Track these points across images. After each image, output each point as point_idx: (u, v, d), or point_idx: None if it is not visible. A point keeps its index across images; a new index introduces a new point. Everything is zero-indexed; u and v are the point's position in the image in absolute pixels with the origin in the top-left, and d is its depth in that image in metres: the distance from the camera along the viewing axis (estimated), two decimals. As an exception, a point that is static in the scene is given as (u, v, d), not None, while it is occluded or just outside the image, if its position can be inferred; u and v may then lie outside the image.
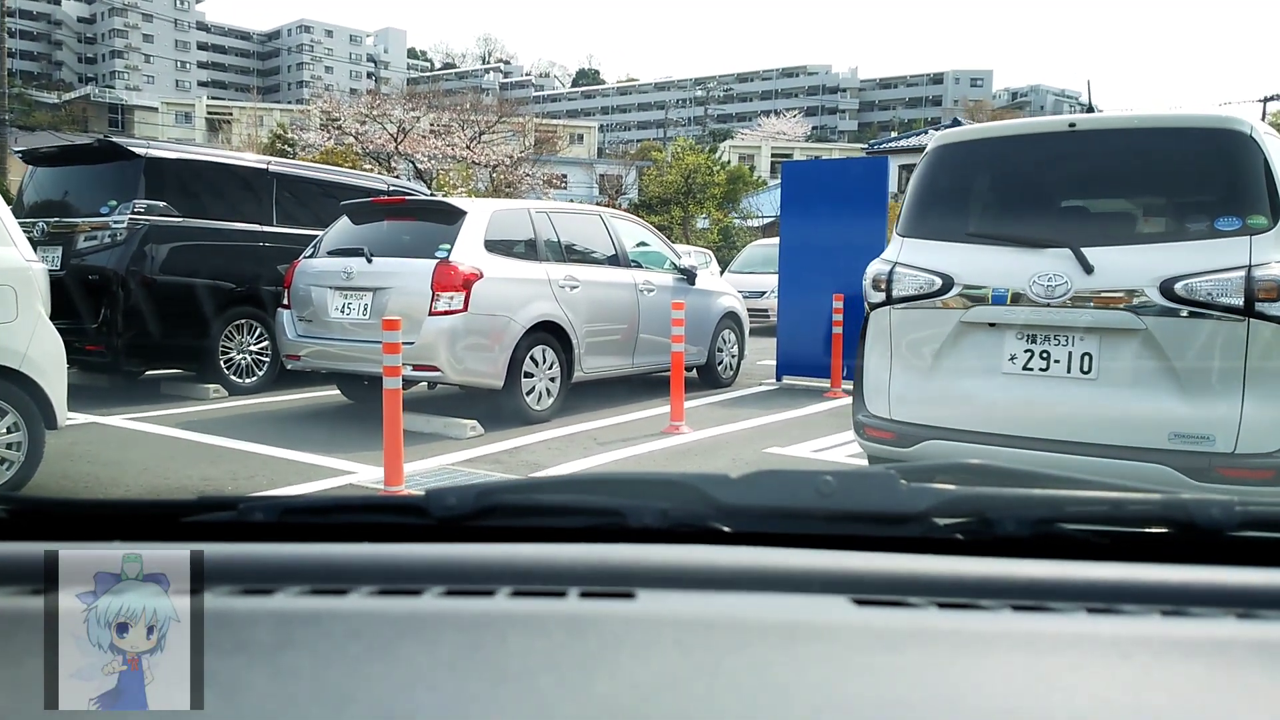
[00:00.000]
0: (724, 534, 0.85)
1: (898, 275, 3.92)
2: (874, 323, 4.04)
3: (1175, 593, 0.74)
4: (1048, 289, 3.56)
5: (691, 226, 33.87)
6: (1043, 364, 3.64)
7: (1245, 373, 3.31)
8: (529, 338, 6.31)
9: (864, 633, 0.67)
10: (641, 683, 0.60)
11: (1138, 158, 3.82)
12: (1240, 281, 3.29)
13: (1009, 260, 3.70)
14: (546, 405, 6.50)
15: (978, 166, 4.12)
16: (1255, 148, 3.46)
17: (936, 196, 4.08)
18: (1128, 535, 0.86)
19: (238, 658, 0.63)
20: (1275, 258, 3.28)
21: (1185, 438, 3.38)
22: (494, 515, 0.87)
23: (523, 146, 36.66)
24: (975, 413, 3.75)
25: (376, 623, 0.68)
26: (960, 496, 0.86)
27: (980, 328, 3.75)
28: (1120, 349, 3.51)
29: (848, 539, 0.83)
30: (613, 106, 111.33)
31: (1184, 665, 0.64)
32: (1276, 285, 3.25)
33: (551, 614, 0.69)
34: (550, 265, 6.64)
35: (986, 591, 0.74)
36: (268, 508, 0.88)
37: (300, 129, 33.77)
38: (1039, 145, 3.98)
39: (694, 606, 0.71)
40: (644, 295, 7.44)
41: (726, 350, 8.71)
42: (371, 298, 6.12)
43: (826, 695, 0.60)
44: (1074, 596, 0.73)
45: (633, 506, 0.86)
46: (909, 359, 3.91)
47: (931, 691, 0.60)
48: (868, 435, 4.02)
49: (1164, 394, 3.43)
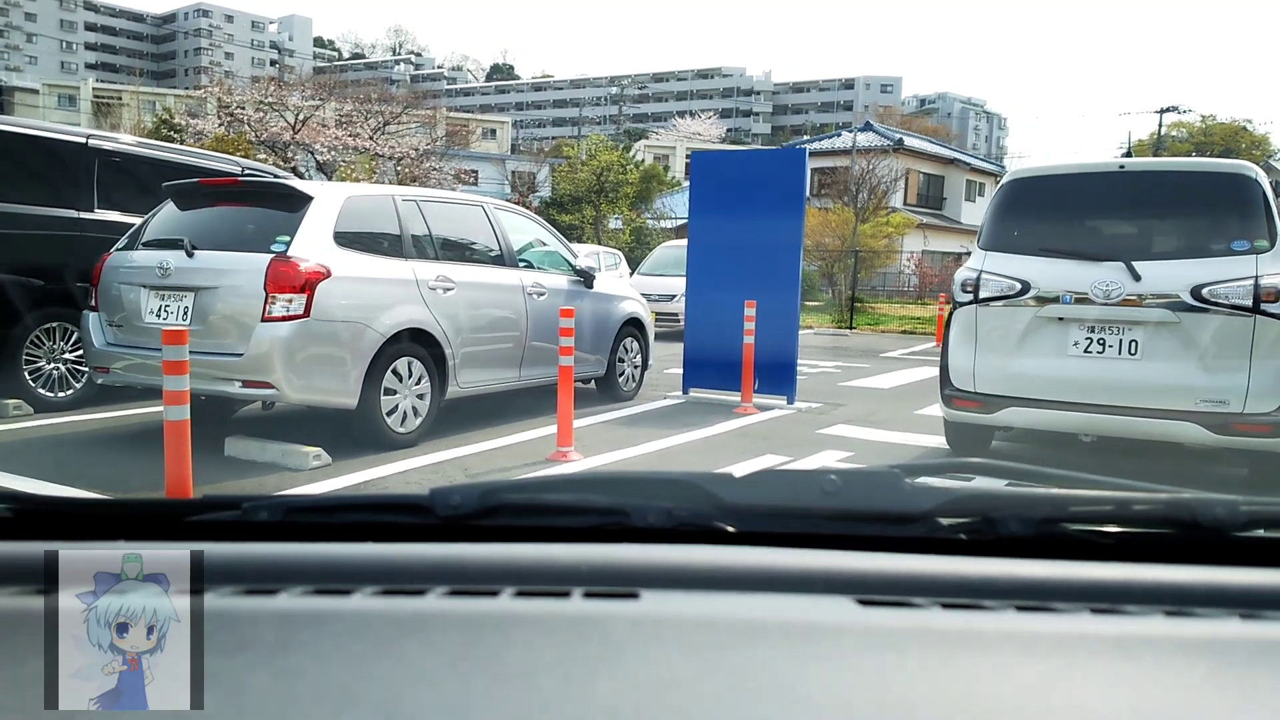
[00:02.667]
0: (728, 534, 0.85)
1: (984, 280, 5.07)
2: (959, 317, 5.19)
3: (1179, 593, 0.74)
4: (1105, 293, 4.74)
5: (604, 226, 33.14)
6: (1099, 348, 4.81)
7: (1252, 354, 4.51)
8: (391, 348, 5.32)
9: (868, 633, 0.68)
10: (646, 683, 0.60)
11: (1172, 193, 4.99)
12: (1250, 288, 4.51)
13: (1074, 270, 4.86)
14: (412, 427, 5.52)
15: (1046, 196, 5.25)
16: (1259, 188, 4.72)
17: (1013, 218, 5.18)
18: (1131, 535, 0.85)
19: (241, 657, 0.63)
20: (1274, 270, 4.54)
21: (1209, 401, 4.55)
22: (498, 515, 0.86)
23: (431, 139, 35.60)
24: (1047, 385, 4.88)
25: (380, 623, 0.68)
26: (964, 496, 0.86)
27: (1051, 321, 4.92)
28: (1160, 336, 4.70)
29: (852, 539, 0.83)
30: (527, 103, 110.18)
31: (1188, 665, 0.64)
32: (1276, 290, 4.49)
33: (555, 614, 0.70)
34: (419, 263, 5.66)
35: (990, 592, 0.74)
36: (272, 507, 0.87)
37: (193, 115, 32.22)
38: (1095, 181, 5.20)
39: (698, 606, 0.71)
40: (533, 299, 6.51)
41: (628, 360, 7.84)
42: (193, 299, 5.03)
43: (831, 695, 0.60)
44: (1078, 597, 0.74)
45: (637, 506, 0.86)
46: (991, 344, 5.04)
47: (936, 691, 0.60)
48: (955, 405, 5.16)
49: (1192, 370, 4.62)
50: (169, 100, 44.13)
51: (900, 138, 35.96)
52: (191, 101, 36.19)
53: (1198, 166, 5.46)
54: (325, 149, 29.92)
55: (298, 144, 30.46)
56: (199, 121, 31.18)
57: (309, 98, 32.57)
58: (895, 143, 33.77)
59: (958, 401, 5.18)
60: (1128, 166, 5.28)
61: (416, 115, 37.90)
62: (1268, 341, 4.54)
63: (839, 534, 0.83)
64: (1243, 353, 4.58)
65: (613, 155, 33.47)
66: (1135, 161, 5.54)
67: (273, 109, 30.98)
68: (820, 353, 13.07)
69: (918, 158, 36.64)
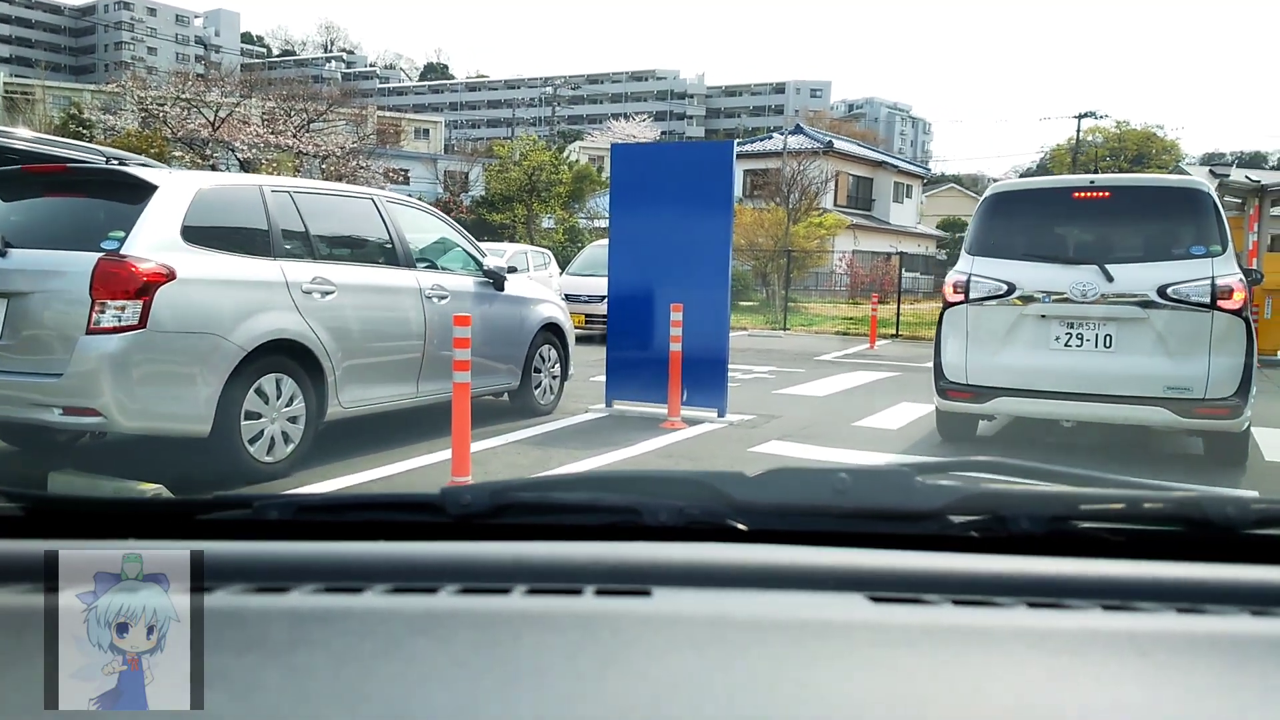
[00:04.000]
0: (740, 532, 0.85)
1: (974, 282, 5.58)
2: (951, 316, 5.67)
3: (1190, 590, 0.75)
4: (1082, 292, 5.28)
5: (536, 226, 32.47)
6: (1078, 342, 5.33)
7: (1210, 345, 5.06)
8: (254, 363, 4.55)
9: (880, 630, 0.68)
10: (657, 680, 0.60)
11: (1137, 204, 5.65)
12: (1207, 287, 5.09)
13: (1054, 272, 5.43)
14: (282, 456, 4.75)
15: (1026, 207, 5.84)
16: (1211, 200, 5.37)
17: (997, 227, 5.72)
18: (1142, 533, 0.85)
19: (252, 656, 0.63)
20: (1226, 271, 5.13)
21: (1174, 389, 5.08)
22: (509, 513, 0.86)
23: (357, 137, 34.65)
24: (1031, 376, 5.36)
25: (391, 621, 0.68)
26: (975, 494, 0.87)
27: (1034, 318, 5.43)
28: (1130, 331, 5.24)
29: (863, 536, 0.83)
30: (462, 103, 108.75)
31: (1199, 662, 0.64)
32: (1229, 289, 5.08)
33: (567, 612, 0.70)
34: (292, 263, 4.89)
35: (1002, 589, 0.74)
36: (283, 505, 0.87)
37: (109, 111, 30.93)
38: (1069, 194, 5.77)
39: (710, 604, 0.71)
40: (433, 303, 5.78)
41: (546, 370, 7.14)
42: (6, 306, 4.21)
43: (843, 692, 0.60)
44: (1089, 594, 0.74)
45: (649, 504, 0.86)
46: (980, 340, 5.51)
47: (947, 688, 0.61)
48: (949, 397, 5.63)
49: (1160, 360, 5.16)
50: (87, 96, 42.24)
51: (830, 140, 36.03)
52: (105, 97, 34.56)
53: (1158, 182, 6.23)
54: (246, 146, 28.92)
55: (217, 141, 29.52)
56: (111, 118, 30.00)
57: (230, 93, 31.57)
58: (825, 145, 33.76)
59: (951, 393, 5.66)
60: (1098, 182, 5.90)
61: (343, 113, 37.07)
62: (1223, 334, 5.14)
63: (851, 532, 0.84)
64: (1202, 344, 5.16)
65: (545, 155, 32.84)
66: (1104, 178, 6.15)
67: (191, 105, 29.98)
68: (754, 356, 12.54)
69: (847, 160, 36.80)
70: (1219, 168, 17.04)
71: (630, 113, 77.84)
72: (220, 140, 29.43)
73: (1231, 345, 5.11)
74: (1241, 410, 5.13)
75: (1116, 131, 57.74)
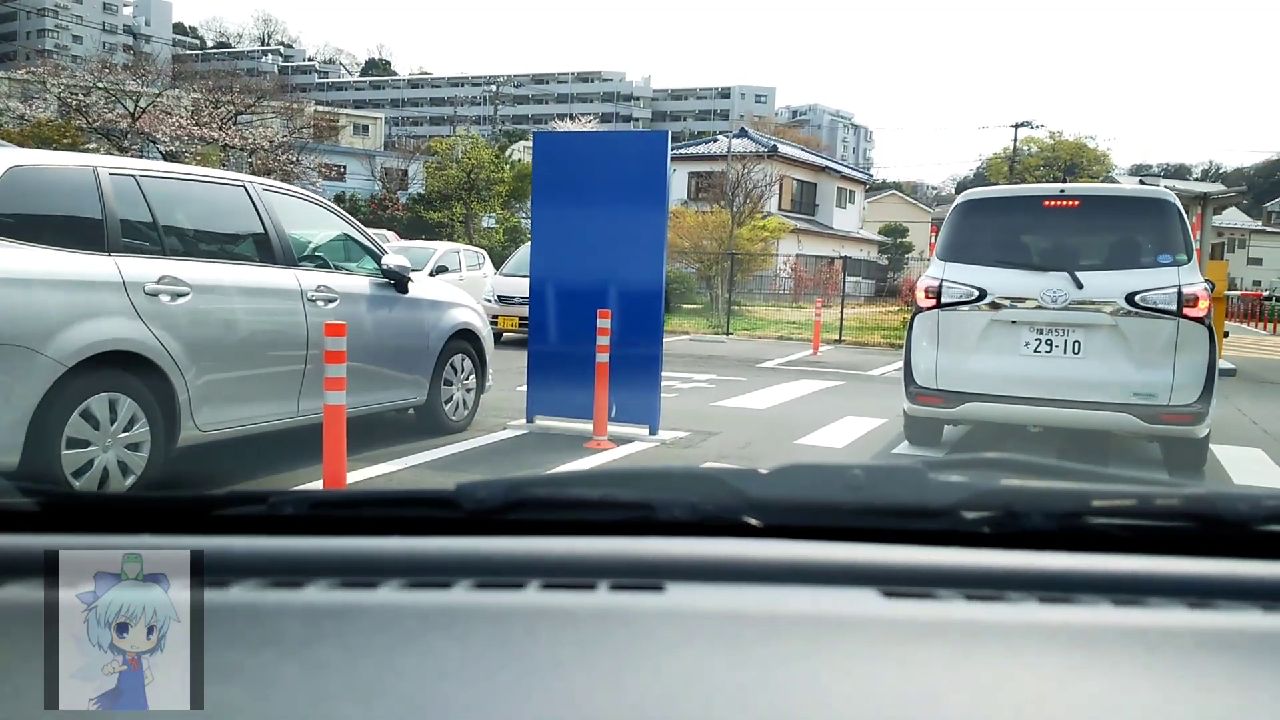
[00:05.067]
0: (753, 527, 0.85)
1: (946, 287, 5.59)
2: (923, 321, 5.66)
3: (1201, 585, 0.75)
4: (1053, 298, 5.37)
5: (475, 225, 31.62)
6: (1047, 348, 5.40)
7: (1175, 352, 5.21)
8: (80, 381, 3.74)
9: (892, 625, 0.68)
10: (671, 675, 0.60)
11: (1108, 213, 5.78)
12: (1174, 295, 5.23)
13: (1025, 279, 5.48)
14: (120, 489, 3.95)
15: (997, 214, 5.88)
16: (1176, 210, 5.49)
17: (969, 233, 5.75)
18: (1155, 528, 0.86)
19: (267, 651, 0.63)
20: (1191, 280, 5.28)
21: (1140, 395, 5.21)
22: (524, 509, 0.86)
23: (286, 131, 33.55)
24: (1002, 382, 5.42)
25: (406, 615, 0.68)
26: (987, 490, 0.87)
27: (1005, 324, 5.49)
28: (1099, 337, 5.36)
29: (876, 532, 0.83)
30: (404, 99, 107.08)
31: (1210, 657, 0.64)
32: (1194, 297, 5.23)
33: (581, 607, 0.70)
34: (133, 260, 4.07)
35: (1013, 584, 0.74)
36: (298, 501, 0.88)
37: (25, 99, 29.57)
38: (1039, 202, 5.79)
39: (723, 599, 0.71)
40: (319, 306, 5.01)
41: (458, 383, 6.40)
42: None
43: (856, 686, 0.60)
44: (1100, 589, 0.74)
45: (662, 500, 0.86)
46: (951, 345, 5.54)
47: (959, 682, 0.61)
48: (919, 401, 5.64)
49: (1127, 367, 5.29)
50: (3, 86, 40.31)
51: (774, 144, 35.77)
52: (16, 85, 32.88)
53: (1126, 192, 6.32)
54: (169, 139, 27.77)
55: (138, 133, 28.36)
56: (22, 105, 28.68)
57: (151, 83, 30.40)
58: (770, 149, 33.46)
59: (921, 398, 5.64)
60: (1067, 190, 5.94)
61: (272, 105, 35.98)
62: (1188, 341, 5.19)
63: (863, 527, 0.84)
64: (1168, 351, 5.21)
65: (485, 153, 32.01)
66: (1074, 187, 6.24)
67: (109, 93, 28.80)
68: (695, 363, 11.91)
69: (791, 164, 36.60)
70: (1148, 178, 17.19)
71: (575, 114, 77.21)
72: (141, 132, 28.35)
73: (1196, 352, 5.21)
74: (1204, 417, 5.22)
75: (1051, 142, 58.54)
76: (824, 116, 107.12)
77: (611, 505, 0.87)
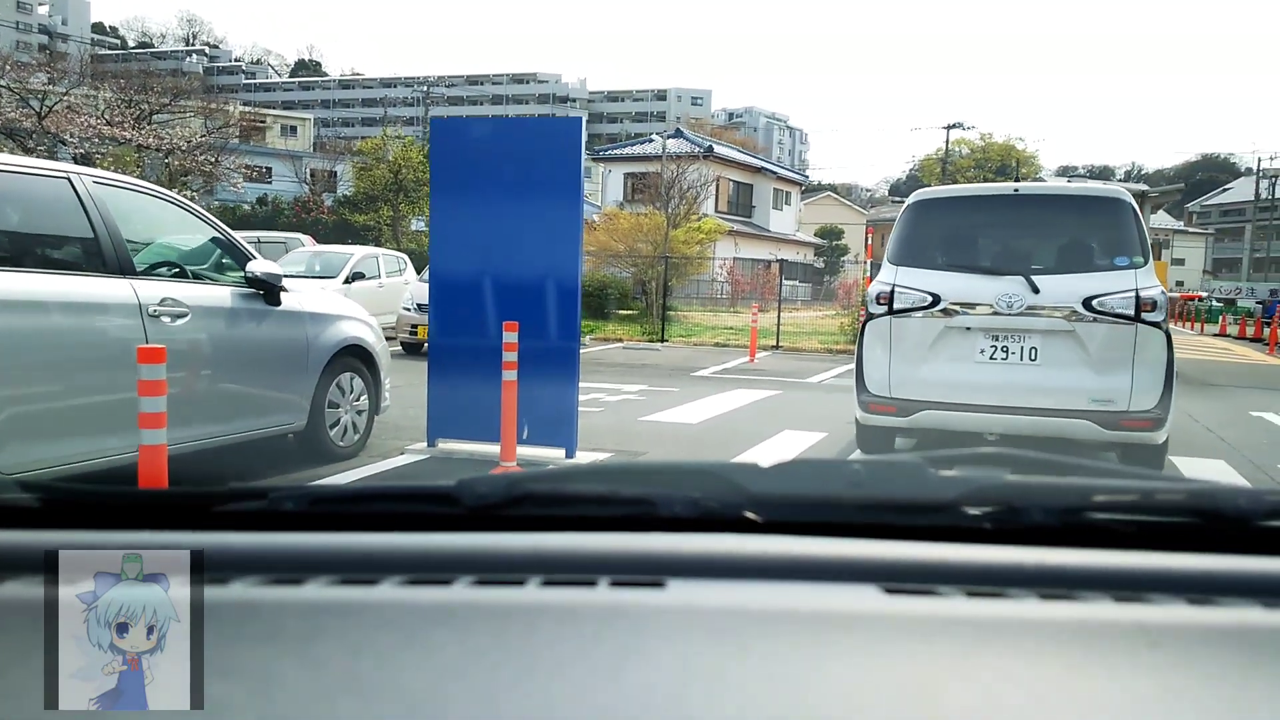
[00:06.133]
0: (754, 523, 0.84)
1: (898, 293, 5.42)
2: (875, 328, 5.50)
3: (1202, 581, 0.75)
4: (1008, 304, 5.20)
5: (404, 228, 30.64)
6: (1003, 355, 5.27)
7: (1134, 358, 5.07)
8: None
9: (893, 620, 0.68)
10: (672, 672, 0.60)
11: (1060, 214, 5.72)
12: (1132, 299, 5.07)
13: (979, 283, 5.35)
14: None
15: (950, 215, 5.78)
16: (1132, 210, 5.36)
17: (920, 236, 5.61)
18: (1155, 524, 0.85)
19: (267, 648, 0.63)
20: (1149, 283, 5.11)
21: (1099, 401, 5.07)
22: (524, 504, 0.86)
23: (206, 131, 32.35)
24: (956, 389, 5.30)
25: (406, 612, 0.68)
26: (988, 486, 0.87)
27: (959, 330, 5.34)
28: (1056, 343, 5.21)
29: (877, 528, 0.83)
30: (334, 100, 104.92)
31: (1210, 653, 0.64)
32: (1153, 301, 5.06)
33: (582, 603, 0.70)
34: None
35: (1014, 580, 0.74)
36: (298, 497, 0.87)
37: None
38: (993, 203, 5.81)
39: (724, 595, 0.71)
40: (163, 323, 4.23)
41: (347, 405, 5.65)
42: None
43: (857, 683, 0.60)
44: (1101, 585, 0.74)
45: (663, 495, 0.86)
46: (904, 353, 5.41)
47: (960, 679, 0.61)
48: (872, 410, 5.50)
49: (1085, 373, 5.14)
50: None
51: (710, 145, 35.36)
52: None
53: (1081, 191, 6.12)
54: (78, 138, 26.43)
55: (45, 132, 26.99)
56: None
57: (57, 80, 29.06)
58: (705, 150, 33.07)
59: (874, 406, 5.45)
60: (1021, 190, 5.82)
61: (189, 105, 34.72)
62: (1146, 346, 5.05)
63: (864, 523, 0.84)
64: (1126, 357, 5.05)
65: (414, 152, 31.02)
66: (1027, 186, 6.10)
67: (11, 91, 27.45)
68: (626, 372, 11.28)
69: (727, 165, 36.28)
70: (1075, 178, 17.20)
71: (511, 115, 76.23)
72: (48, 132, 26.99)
73: (1154, 357, 5.07)
74: (1164, 422, 5.09)
75: (981, 143, 59.27)
76: (760, 119, 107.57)
77: (612, 501, 0.87)
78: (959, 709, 0.57)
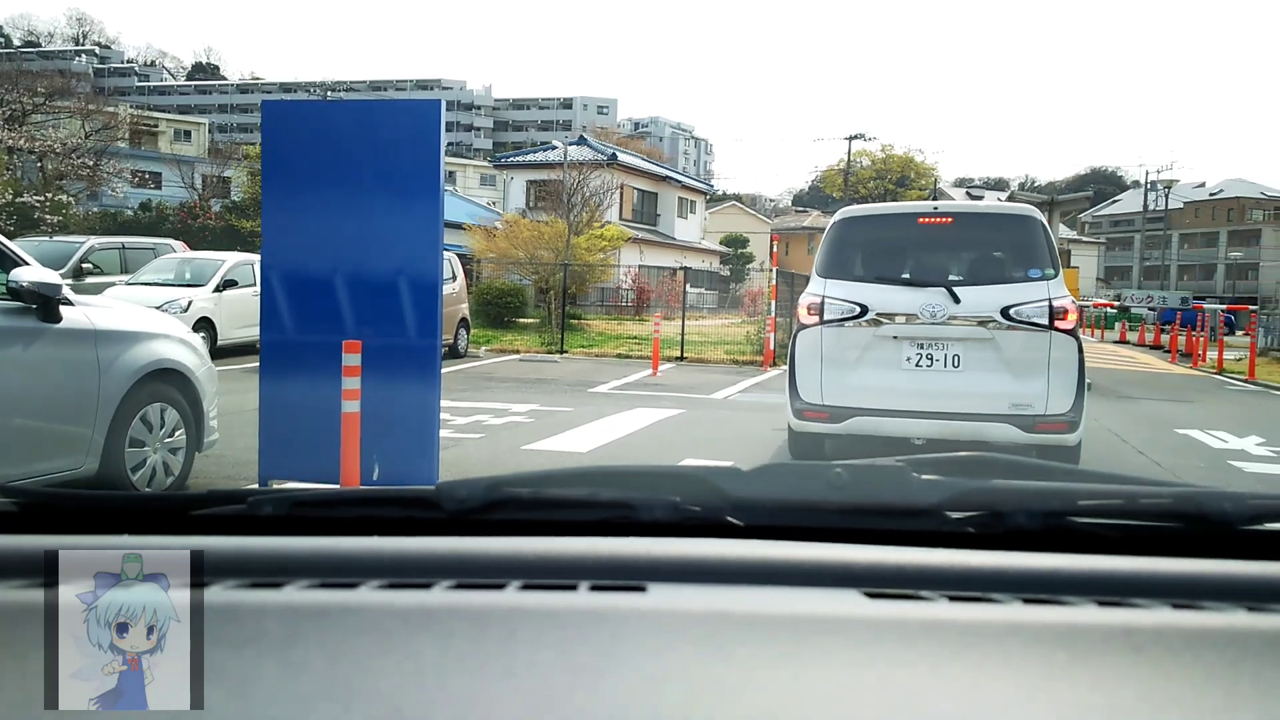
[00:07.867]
0: (735, 527, 0.84)
1: (828, 304, 5.66)
2: (806, 337, 5.74)
3: (1186, 585, 0.74)
4: (931, 314, 5.46)
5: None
6: (928, 362, 5.51)
7: (1049, 364, 5.32)
8: None
9: (876, 625, 0.67)
10: (652, 676, 0.60)
11: (979, 230, 6.10)
12: (1045, 308, 5.35)
13: (904, 295, 5.56)
14: None
15: (875, 231, 6.10)
16: (1042, 226, 5.70)
17: (848, 251, 5.91)
18: (1139, 529, 0.85)
19: (247, 651, 0.62)
20: (1060, 294, 5.43)
21: (1018, 405, 5.31)
22: (504, 508, 0.85)
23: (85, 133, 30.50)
24: (885, 396, 5.49)
25: (386, 616, 0.67)
26: (972, 490, 0.86)
27: (887, 339, 5.57)
28: (977, 351, 5.45)
29: (859, 532, 0.82)
30: (233, 105, 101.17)
31: (1195, 657, 0.63)
32: (1064, 309, 5.37)
33: (562, 607, 0.69)
34: None
35: (998, 584, 0.74)
36: (277, 501, 0.87)
37: None
38: (915, 220, 5.98)
39: (705, 600, 0.71)
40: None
41: (157, 442, 4.67)
42: None
43: (839, 688, 0.60)
44: (1085, 589, 0.73)
45: (644, 500, 0.85)
46: (835, 361, 5.62)
47: (944, 683, 0.60)
48: (805, 418, 5.68)
49: (1004, 378, 5.38)
50: None
51: (614, 152, 34.79)
52: None
53: (996, 209, 6.55)
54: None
55: (-101, 135, 25.00)
56: None
57: None
58: (609, 157, 32.41)
59: (807, 414, 5.63)
60: (941, 208, 6.04)
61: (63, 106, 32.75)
62: (1059, 353, 5.30)
63: (847, 527, 0.83)
64: (1042, 363, 5.31)
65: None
66: (946, 204, 6.31)
67: None
68: (518, 388, 10.42)
69: (632, 173, 35.82)
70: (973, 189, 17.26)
71: (413, 121, 74.55)
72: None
73: (1067, 363, 5.32)
74: (1077, 425, 5.31)
75: (882, 155, 60.15)
76: (666, 129, 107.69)
77: (592, 505, 0.87)
78: (942, 714, 0.57)
